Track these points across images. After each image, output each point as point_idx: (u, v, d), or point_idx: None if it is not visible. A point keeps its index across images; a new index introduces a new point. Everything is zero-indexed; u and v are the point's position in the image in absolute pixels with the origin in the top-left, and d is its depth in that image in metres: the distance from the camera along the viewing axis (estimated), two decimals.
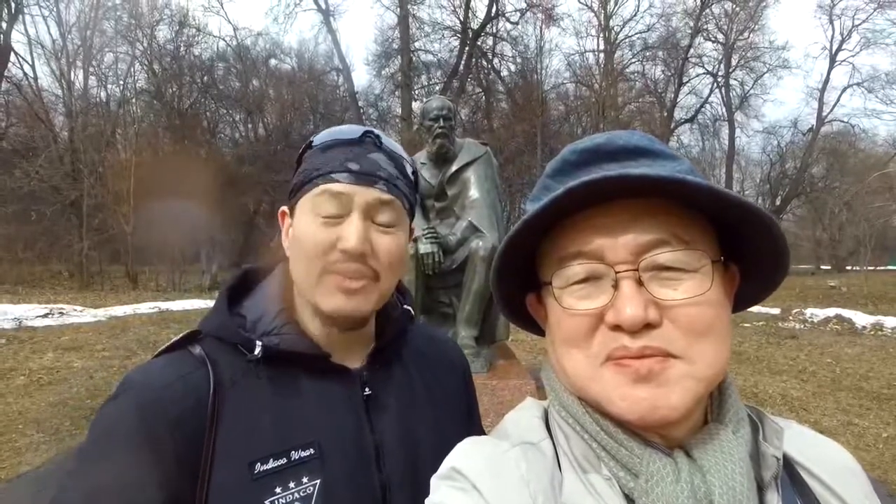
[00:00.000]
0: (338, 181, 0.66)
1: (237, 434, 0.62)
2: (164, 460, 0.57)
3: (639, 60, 27.04)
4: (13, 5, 18.43)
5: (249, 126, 26.09)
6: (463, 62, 25.53)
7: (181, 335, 0.69)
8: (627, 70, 26.44)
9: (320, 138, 0.72)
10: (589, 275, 0.45)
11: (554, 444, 0.49)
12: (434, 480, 0.50)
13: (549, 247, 0.49)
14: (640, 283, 0.43)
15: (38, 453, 3.75)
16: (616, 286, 0.43)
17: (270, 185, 20.83)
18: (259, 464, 0.61)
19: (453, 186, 3.41)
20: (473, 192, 3.34)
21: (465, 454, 0.50)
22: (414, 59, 24.94)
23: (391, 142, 0.74)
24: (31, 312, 9.39)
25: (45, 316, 9.39)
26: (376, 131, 0.72)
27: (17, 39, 21.81)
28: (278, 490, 0.60)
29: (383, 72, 26.46)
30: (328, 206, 0.66)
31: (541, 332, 0.56)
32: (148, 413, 0.59)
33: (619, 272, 0.43)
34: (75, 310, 10.35)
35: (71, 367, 6.12)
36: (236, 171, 20.72)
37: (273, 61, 26.93)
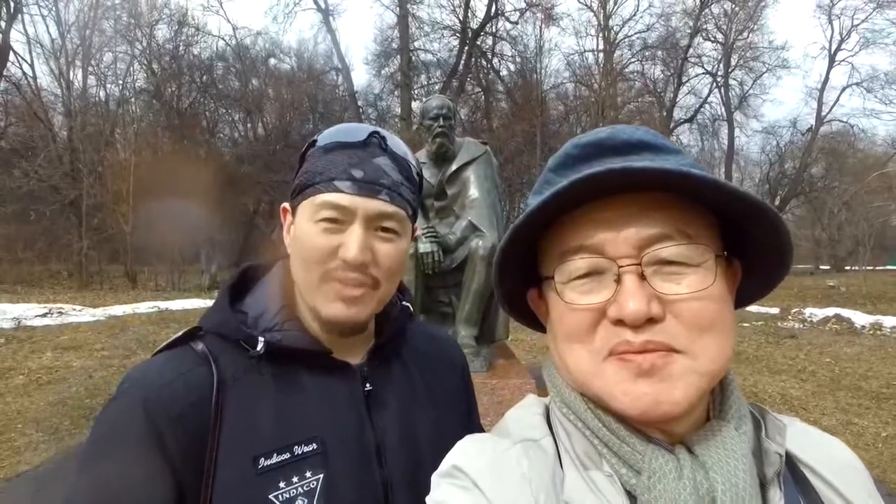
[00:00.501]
0: (340, 190, 0.66)
1: (241, 430, 0.62)
2: (167, 457, 0.58)
3: (638, 60, 27.06)
4: (12, 4, 18.42)
5: (248, 126, 26.09)
6: (462, 62, 25.54)
7: (182, 332, 0.69)
8: (627, 70, 26.45)
9: (324, 138, 0.71)
10: (591, 269, 0.44)
11: (555, 441, 0.49)
12: (435, 478, 0.50)
13: (551, 241, 0.48)
14: (642, 277, 0.42)
15: (37, 453, 3.75)
16: (618, 280, 0.43)
17: (270, 185, 20.80)
18: (263, 459, 0.61)
19: (453, 186, 3.41)
20: (473, 192, 3.33)
21: (467, 452, 0.50)
22: (413, 58, 24.94)
23: (397, 142, 0.72)
24: (30, 312, 9.37)
25: (45, 315, 9.36)
26: (382, 132, 0.71)
27: (16, 39, 21.83)
28: (282, 484, 0.61)
29: (383, 71, 26.49)
30: (330, 214, 0.66)
31: (541, 328, 0.56)
32: (150, 411, 0.59)
33: (621, 266, 0.43)
34: (74, 309, 10.32)
35: (70, 367, 6.11)
36: (235, 170, 20.69)
37: (272, 61, 26.94)
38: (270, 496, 0.60)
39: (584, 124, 24.11)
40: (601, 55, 25.73)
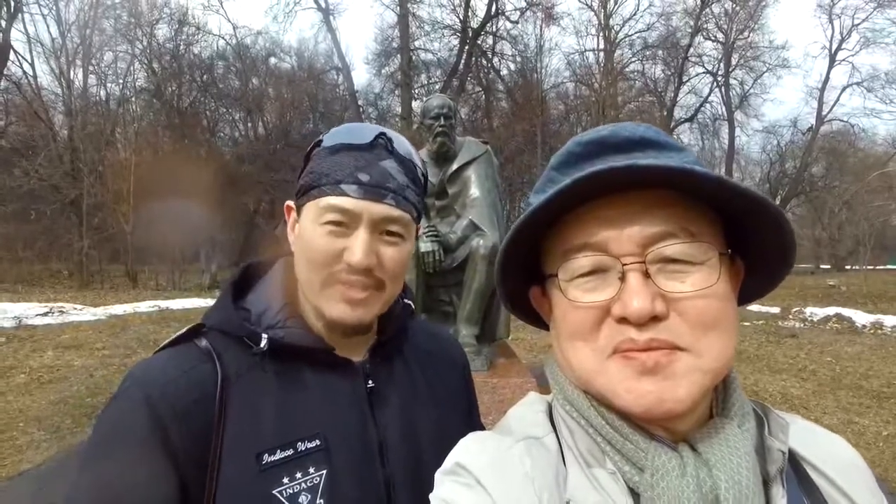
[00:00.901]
0: (346, 194, 0.66)
1: (244, 426, 0.63)
2: (171, 455, 0.58)
3: (639, 59, 27.04)
4: (12, 4, 18.41)
5: (249, 125, 26.09)
6: (463, 61, 25.52)
7: (185, 329, 0.69)
8: (627, 69, 26.43)
9: (330, 138, 0.70)
10: (595, 267, 0.44)
11: (558, 438, 0.49)
12: (438, 476, 0.50)
13: (554, 240, 0.48)
14: (646, 275, 0.42)
15: (38, 451, 3.76)
16: (623, 278, 0.42)
17: (270, 185, 20.82)
18: (267, 455, 0.62)
19: (454, 185, 3.41)
20: (474, 191, 3.34)
21: (470, 450, 0.50)
22: (414, 57, 24.91)
23: (403, 143, 0.72)
24: (31, 311, 9.39)
25: (46, 314, 9.38)
26: (388, 133, 0.70)
27: (17, 38, 21.75)
28: (286, 480, 0.61)
29: (383, 71, 26.47)
30: (335, 217, 0.66)
31: (544, 326, 0.56)
32: (154, 408, 0.59)
33: (625, 264, 0.42)
34: (75, 308, 10.34)
35: (71, 366, 6.12)
36: (236, 170, 20.70)
37: (273, 60, 26.94)
38: (274, 492, 0.60)
39: (585, 124, 24.09)
40: (601, 55, 25.72)
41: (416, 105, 22.74)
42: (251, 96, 24.72)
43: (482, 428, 0.84)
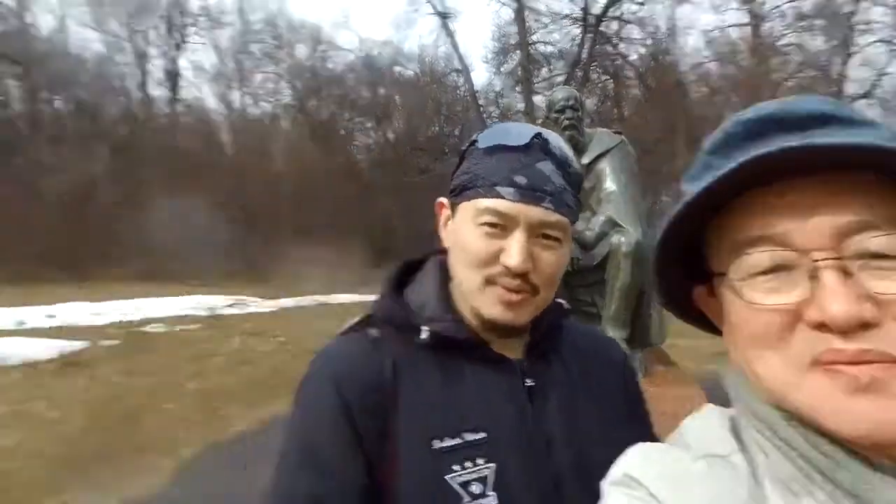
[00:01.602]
0: (502, 196, 0.66)
1: (416, 412, 0.66)
2: (357, 434, 0.64)
3: (794, 31, 23.45)
4: (180, 36, 21.62)
5: (379, 133, 27.75)
6: (586, 50, 24.48)
7: (357, 319, 0.75)
8: (780, 43, 23.11)
9: (485, 139, 0.71)
10: (775, 264, 0.38)
11: (748, 457, 0.42)
12: (606, 486, 0.46)
13: (719, 232, 0.43)
14: (846, 273, 0.36)
15: (242, 421, 4.55)
16: (815, 277, 0.36)
17: (402, 188, 21.89)
18: (437, 441, 0.64)
19: (587, 179, 3.20)
20: (609, 185, 3.19)
21: (642, 461, 0.45)
22: (532, 51, 24.45)
23: (559, 142, 0.71)
24: (219, 302, 11.24)
25: (231, 306, 11.18)
26: (545, 133, 0.70)
27: (185, 67, 25.19)
28: (456, 468, 0.63)
29: (502, 68, 26.23)
30: (491, 219, 0.67)
31: (712, 328, 0.49)
32: (341, 391, 0.65)
33: (817, 260, 0.36)
34: (254, 301, 12.08)
35: (255, 350, 7.22)
36: (372, 175, 22.15)
37: (397, 68, 28.07)
38: (446, 478, 0.62)
39: (735, 105, 21.62)
40: (748, 29, 22.81)
41: (538, 100, 22.33)
42: (380, 105, 26.16)
43: (650, 429, 0.82)
